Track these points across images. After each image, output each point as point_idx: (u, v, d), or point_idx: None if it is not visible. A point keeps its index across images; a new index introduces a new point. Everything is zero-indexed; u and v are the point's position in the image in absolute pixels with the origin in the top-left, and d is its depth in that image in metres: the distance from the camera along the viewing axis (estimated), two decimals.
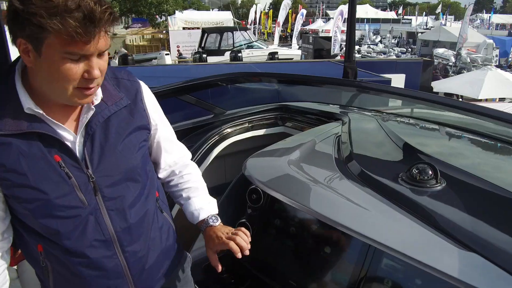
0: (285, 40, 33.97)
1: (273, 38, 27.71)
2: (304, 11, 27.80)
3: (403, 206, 1.37)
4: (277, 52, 18.52)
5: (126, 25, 27.52)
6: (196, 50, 18.49)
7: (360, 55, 24.40)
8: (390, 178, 1.52)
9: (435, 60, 19.63)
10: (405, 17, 62.76)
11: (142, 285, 1.23)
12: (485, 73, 10.66)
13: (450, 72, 19.48)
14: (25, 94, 1.01)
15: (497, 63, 21.27)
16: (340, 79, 2.74)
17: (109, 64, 1.07)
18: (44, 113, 1.01)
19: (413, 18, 50.88)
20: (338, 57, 15.84)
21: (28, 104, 0.99)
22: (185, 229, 1.53)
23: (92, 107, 1.07)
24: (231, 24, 23.10)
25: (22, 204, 1.03)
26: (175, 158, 1.38)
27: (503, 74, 11.06)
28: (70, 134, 1.06)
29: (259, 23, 38.09)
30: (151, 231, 1.23)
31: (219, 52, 17.90)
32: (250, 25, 33.38)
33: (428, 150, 1.72)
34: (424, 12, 55.30)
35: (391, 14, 67.40)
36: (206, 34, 18.79)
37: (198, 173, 1.46)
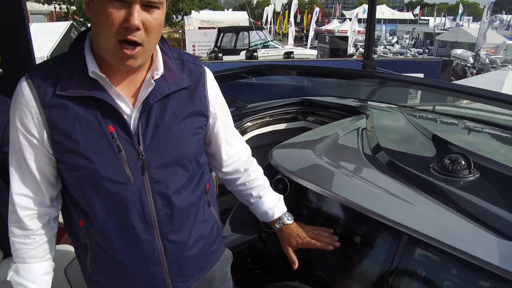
0: (300, 41, 33.89)
1: (288, 38, 27.69)
2: (317, 9, 27.70)
3: (436, 195, 1.34)
4: (292, 52, 18.52)
5: None
6: (212, 49, 18.56)
7: (376, 55, 24.20)
8: (421, 168, 1.49)
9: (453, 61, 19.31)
10: (422, 17, 62.03)
11: (177, 278, 1.19)
12: (506, 73, 10.41)
13: (468, 73, 19.17)
14: (91, 58, 1.01)
15: None
16: (372, 72, 2.69)
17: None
18: (107, 78, 1.00)
19: (431, 18, 50.24)
20: (355, 57, 15.74)
21: (93, 67, 0.99)
22: None
23: (152, 81, 1.05)
24: (247, 24, 23.13)
25: (69, 171, 1.03)
26: (237, 151, 1.35)
27: None
28: (128, 107, 1.04)
29: (274, 23, 38.07)
30: (195, 223, 1.19)
31: (234, 51, 17.95)
32: (266, 25, 33.38)
33: (457, 142, 1.69)
34: (442, 13, 54.58)
35: (408, 15, 66.69)
36: (222, 34, 18.85)
37: (261, 169, 1.44)
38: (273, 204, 1.41)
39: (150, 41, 0.98)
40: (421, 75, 7.34)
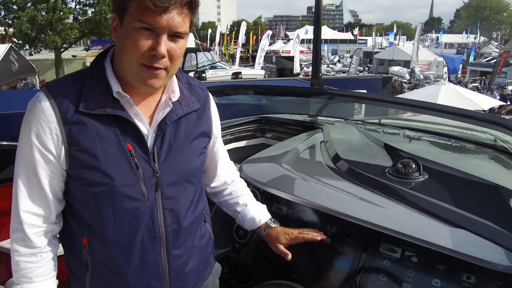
0: (246, 61, 34.48)
1: (235, 59, 28.13)
2: (269, 32, 28.49)
3: (393, 195, 1.51)
4: (240, 72, 18.83)
5: (86, 47, 27.07)
6: None
7: (320, 74, 25.08)
8: (378, 173, 1.67)
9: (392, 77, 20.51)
10: (360, 37, 65.42)
11: None
12: (440, 87, 11.33)
13: (406, 89, 20.46)
14: (114, 78, 1.05)
15: (448, 79, 22.52)
16: (325, 89, 2.88)
17: None
18: (130, 98, 1.04)
19: (369, 38, 53.10)
20: (301, 76, 16.30)
21: (117, 88, 1.03)
22: None
23: (170, 103, 1.10)
24: (193, 45, 23.28)
25: (86, 187, 1.04)
26: (227, 167, 1.44)
27: (455, 88, 11.81)
28: (145, 126, 1.08)
29: (221, 44, 38.54)
30: (195, 239, 1.24)
31: None
32: (215, 46, 33.70)
33: (406, 149, 1.90)
34: (378, 33, 57.90)
35: (348, 35, 70.13)
36: None
37: (243, 181, 1.53)
38: (258, 211, 1.47)
39: (173, 67, 1.04)
40: (364, 91, 7.76)
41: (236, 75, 18.29)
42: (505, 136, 2.18)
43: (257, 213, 1.47)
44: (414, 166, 1.63)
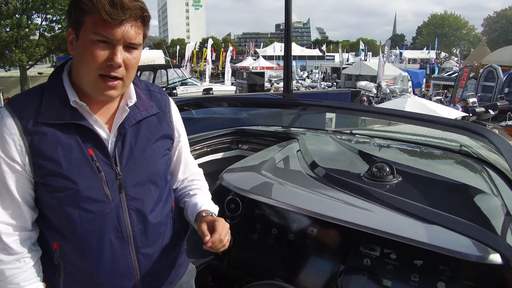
0: (216, 78, 34.62)
1: (205, 75, 28.20)
2: (231, 48, 28.91)
3: (369, 196, 1.58)
4: (211, 88, 18.87)
5: (53, 64, 26.54)
6: None
7: None
8: (354, 177, 1.74)
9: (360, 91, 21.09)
10: (328, 54, 67.06)
11: None
12: (406, 100, 11.78)
13: (373, 102, 21.06)
14: (71, 88, 1.11)
15: (413, 93, 23.36)
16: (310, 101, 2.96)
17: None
18: (87, 106, 1.10)
19: (336, 54, 54.47)
20: (272, 91, 16.51)
21: (73, 97, 1.09)
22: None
23: (127, 108, 1.17)
24: (163, 62, 23.19)
25: (52, 193, 1.09)
26: (192, 171, 1.47)
27: (420, 101, 12.34)
28: (105, 132, 1.14)
29: (191, 61, 38.58)
30: (165, 238, 1.29)
31: None
32: (185, 63, 33.66)
33: (379, 155, 1.99)
34: (345, 49, 59.58)
35: (316, 52, 71.77)
36: (139, 72, 18.65)
37: (206, 183, 1.51)
38: (205, 202, 1.37)
39: (129, 76, 1.12)
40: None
41: (207, 91, 18.29)
42: (469, 142, 2.32)
43: (204, 203, 1.36)
44: (388, 169, 1.72)
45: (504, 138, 1.50)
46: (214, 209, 1.38)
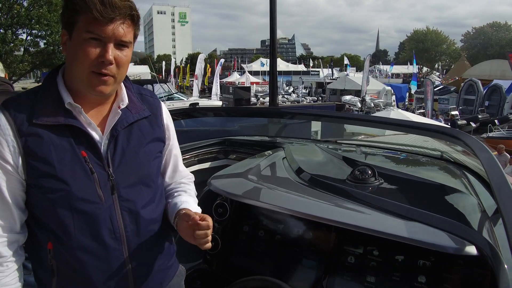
0: (202, 93, 34.70)
1: (191, 91, 28.23)
2: (222, 60, 29.09)
3: (353, 198, 1.65)
4: (198, 103, 18.93)
5: (37, 79, 26.35)
6: None
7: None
8: (338, 180, 1.81)
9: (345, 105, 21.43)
10: (312, 69, 67.96)
11: None
12: (389, 113, 12.02)
13: None
14: (65, 91, 1.14)
15: (396, 106, 23.79)
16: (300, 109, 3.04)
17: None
18: (81, 108, 1.13)
19: (320, 70, 55.26)
20: (258, 105, 16.66)
21: (68, 99, 1.12)
22: None
23: (119, 110, 1.20)
24: (148, 77, 23.20)
25: (44, 194, 1.10)
26: (181, 175, 1.46)
27: (404, 114, 12.59)
28: (98, 134, 1.17)
29: (176, 77, 38.64)
30: (157, 239, 1.30)
31: None
32: (170, 78, 33.72)
33: (362, 160, 2.07)
34: (328, 65, 60.44)
35: (301, 67, 72.68)
36: None
37: (193, 187, 1.50)
38: (187, 200, 1.37)
39: (120, 74, 1.15)
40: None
41: (193, 105, 18.36)
42: (450, 149, 2.43)
43: (185, 201, 1.36)
44: (370, 172, 1.80)
45: (477, 139, 1.58)
46: (197, 210, 1.36)
